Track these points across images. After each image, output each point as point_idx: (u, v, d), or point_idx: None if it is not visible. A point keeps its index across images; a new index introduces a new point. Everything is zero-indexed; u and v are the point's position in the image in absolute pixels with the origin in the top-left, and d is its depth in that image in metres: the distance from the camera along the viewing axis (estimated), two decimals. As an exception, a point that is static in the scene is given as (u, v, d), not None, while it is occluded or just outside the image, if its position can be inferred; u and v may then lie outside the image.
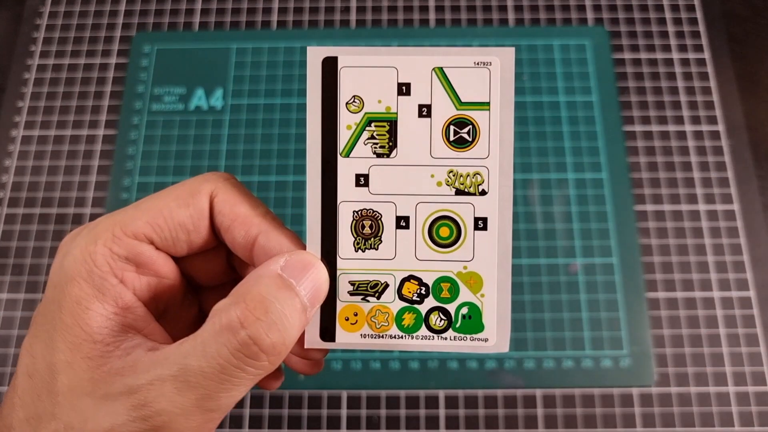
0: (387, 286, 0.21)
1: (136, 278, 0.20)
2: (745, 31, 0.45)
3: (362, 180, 0.20)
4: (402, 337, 0.21)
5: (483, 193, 0.21)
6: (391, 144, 0.20)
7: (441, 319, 0.21)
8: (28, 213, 0.42)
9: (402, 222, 0.21)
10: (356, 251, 0.21)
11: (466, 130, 0.20)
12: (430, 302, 0.21)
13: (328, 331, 0.21)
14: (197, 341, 0.18)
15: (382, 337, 0.21)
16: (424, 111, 0.20)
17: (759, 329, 0.38)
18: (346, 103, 0.20)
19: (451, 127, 0.20)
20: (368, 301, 0.21)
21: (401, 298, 0.21)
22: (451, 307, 0.21)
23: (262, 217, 0.21)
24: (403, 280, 0.21)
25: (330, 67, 0.20)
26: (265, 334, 0.18)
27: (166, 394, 0.17)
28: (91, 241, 0.19)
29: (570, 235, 0.40)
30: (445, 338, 0.21)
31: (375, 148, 0.20)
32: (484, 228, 0.21)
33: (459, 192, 0.21)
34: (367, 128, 0.20)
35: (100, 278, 0.19)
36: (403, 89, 0.20)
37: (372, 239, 0.21)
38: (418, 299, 0.21)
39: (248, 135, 0.43)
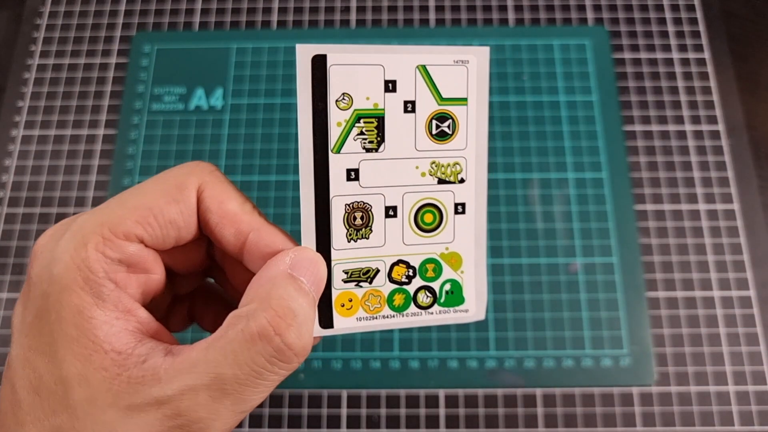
0: (378, 271, 0.23)
1: (128, 278, 0.20)
2: (745, 31, 0.46)
3: (353, 174, 0.22)
4: (393, 316, 0.23)
5: (462, 181, 0.23)
6: (379, 139, 0.22)
7: (427, 296, 0.23)
8: (28, 212, 0.42)
9: (390, 211, 0.22)
10: (349, 242, 0.22)
11: (446, 123, 0.22)
12: (418, 282, 0.23)
13: (326, 319, 0.22)
14: (227, 350, 0.18)
15: (376, 318, 0.23)
16: (409, 107, 0.22)
17: (759, 328, 0.39)
18: (336, 101, 0.21)
19: (433, 122, 0.22)
20: (361, 286, 0.22)
21: (391, 281, 0.23)
22: (435, 285, 0.23)
23: (251, 214, 0.21)
24: (393, 265, 0.23)
25: (319, 64, 0.21)
26: (297, 339, 0.19)
27: (201, 403, 0.18)
28: (80, 245, 0.19)
29: (570, 235, 0.41)
30: (432, 313, 0.23)
31: (364, 143, 0.21)
32: (463, 212, 0.23)
33: (441, 181, 0.22)
34: (357, 124, 0.21)
35: (98, 285, 0.19)
36: (390, 86, 0.21)
37: (363, 229, 0.22)
38: (407, 281, 0.23)
39: (248, 135, 0.44)
